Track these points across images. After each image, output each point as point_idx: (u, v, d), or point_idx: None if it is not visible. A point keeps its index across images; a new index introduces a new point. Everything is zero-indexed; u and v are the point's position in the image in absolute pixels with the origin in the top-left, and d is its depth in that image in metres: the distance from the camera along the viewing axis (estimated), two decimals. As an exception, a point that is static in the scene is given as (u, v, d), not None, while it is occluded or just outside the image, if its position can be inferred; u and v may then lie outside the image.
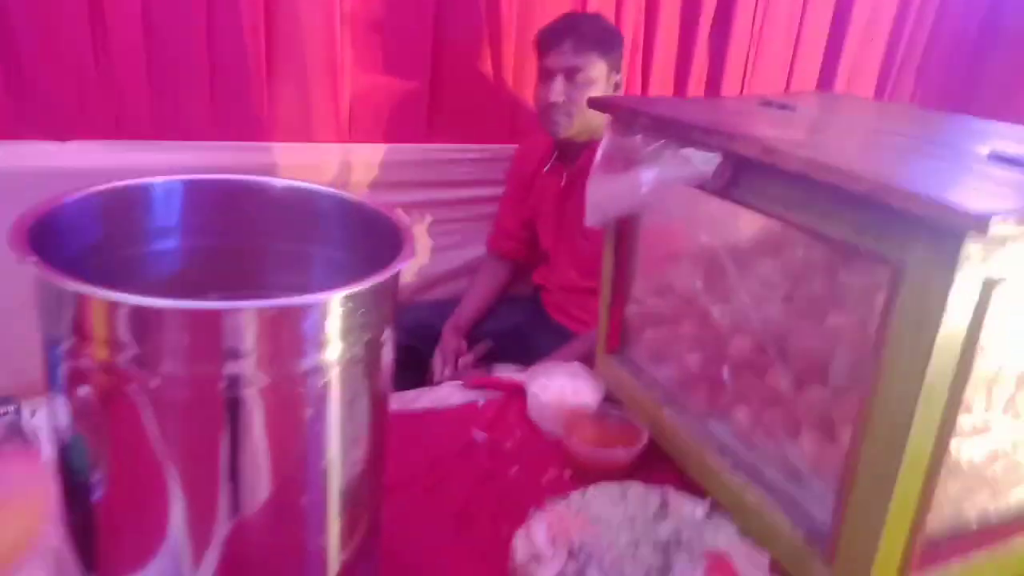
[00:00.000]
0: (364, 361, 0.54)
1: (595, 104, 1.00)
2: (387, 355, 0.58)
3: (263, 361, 0.48)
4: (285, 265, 0.70)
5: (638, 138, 0.90)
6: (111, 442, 0.51)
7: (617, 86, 1.46)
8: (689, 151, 0.81)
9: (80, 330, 0.47)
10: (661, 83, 1.82)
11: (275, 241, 0.69)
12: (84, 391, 0.49)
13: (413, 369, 1.58)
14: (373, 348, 0.55)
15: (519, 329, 1.64)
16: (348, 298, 0.50)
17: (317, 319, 0.50)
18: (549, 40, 1.42)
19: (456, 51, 1.61)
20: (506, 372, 1.20)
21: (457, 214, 1.71)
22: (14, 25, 1.24)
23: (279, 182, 0.69)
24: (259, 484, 0.51)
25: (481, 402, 1.07)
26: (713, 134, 0.78)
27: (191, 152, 1.42)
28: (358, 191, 1.56)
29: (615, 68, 1.45)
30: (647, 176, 0.85)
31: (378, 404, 0.59)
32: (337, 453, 0.55)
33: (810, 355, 0.77)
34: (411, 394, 1.09)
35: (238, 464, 0.50)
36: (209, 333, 0.47)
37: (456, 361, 1.51)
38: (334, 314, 0.50)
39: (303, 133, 1.52)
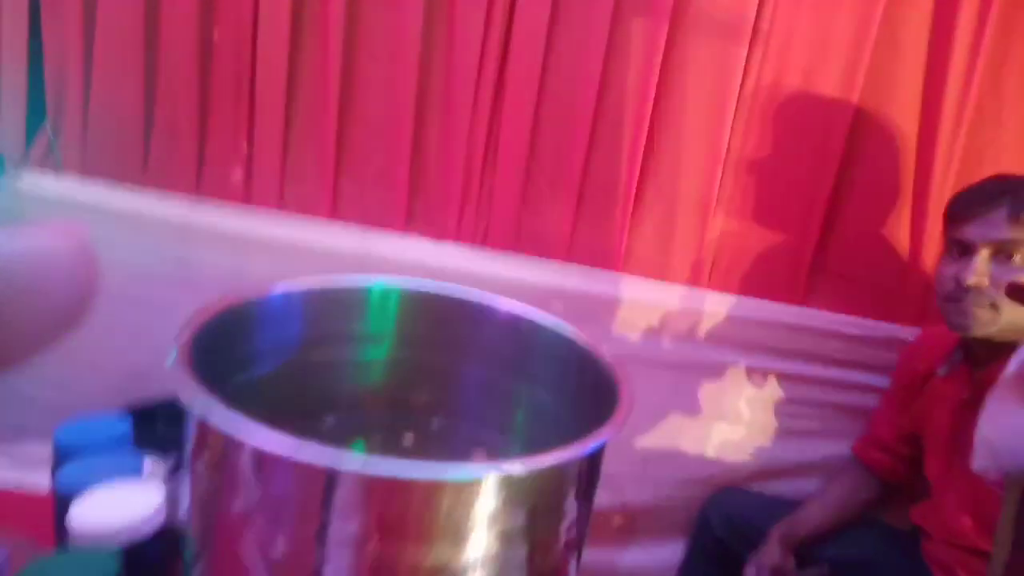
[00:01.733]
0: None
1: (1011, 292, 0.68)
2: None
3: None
4: (484, 396, 0.59)
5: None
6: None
7: None
8: None
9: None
10: None
11: (480, 367, 0.60)
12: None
13: (717, 565, 1.30)
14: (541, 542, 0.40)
15: (873, 568, 1.24)
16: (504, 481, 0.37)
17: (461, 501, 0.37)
18: (974, 204, 1.08)
19: (860, 206, 1.36)
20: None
21: (818, 395, 1.40)
22: (425, 137, 1.40)
23: (505, 304, 0.59)
24: None
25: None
26: None
27: (546, 270, 1.42)
28: (702, 343, 1.39)
29: None
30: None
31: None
32: None
33: None
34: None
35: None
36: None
37: None
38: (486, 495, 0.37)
39: (659, 270, 1.41)
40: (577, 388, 0.60)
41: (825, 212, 1.36)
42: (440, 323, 0.65)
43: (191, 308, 1.29)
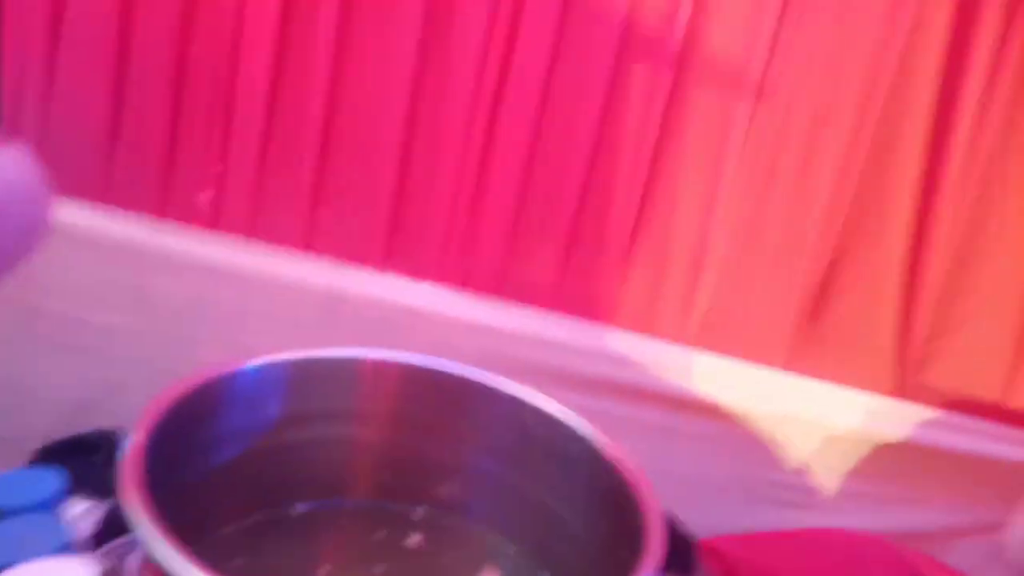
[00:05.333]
0: None
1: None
2: None
3: None
4: (480, 488, 0.53)
5: None
6: None
7: None
8: None
9: None
10: None
11: (477, 456, 0.53)
12: None
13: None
14: None
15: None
16: None
17: None
18: None
19: (854, 281, 1.33)
20: None
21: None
22: (410, 169, 1.32)
23: (513, 388, 0.53)
24: None
25: None
26: None
27: (532, 320, 1.35)
28: (694, 402, 1.33)
29: None
30: None
31: None
32: None
33: None
34: None
35: None
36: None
37: None
38: None
39: (646, 324, 1.36)
40: (590, 493, 0.53)
41: (822, 281, 1.32)
42: (434, 404, 0.57)
43: (145, 338, 1.20)
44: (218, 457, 0.49)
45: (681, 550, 1.00)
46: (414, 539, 0.65)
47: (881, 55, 1.23)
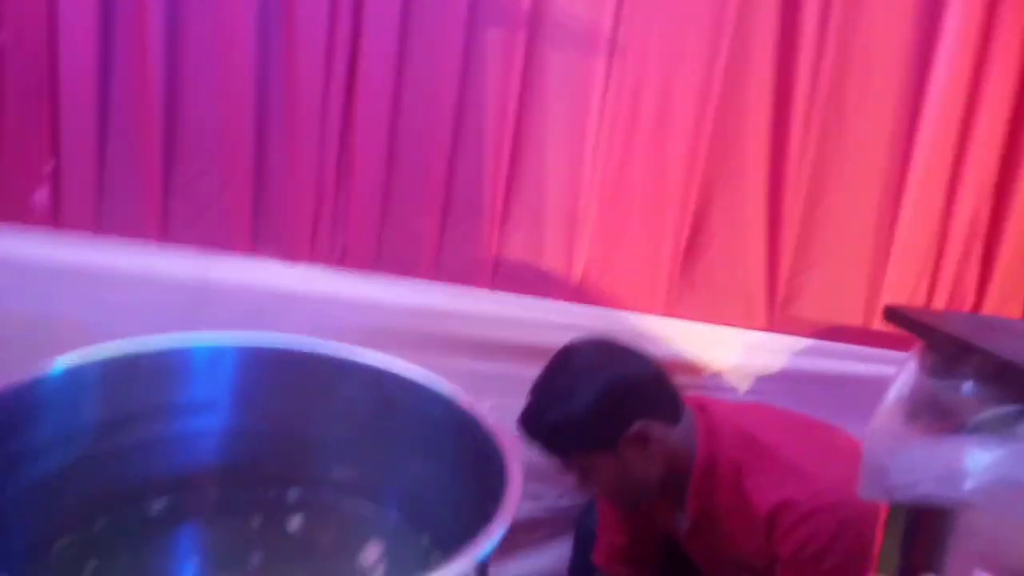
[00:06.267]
0: None
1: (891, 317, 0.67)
2: None
3: None
4: (346, 462, 0.51)
5: (966, 388, 0.57)
6: None
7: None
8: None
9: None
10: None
11: (338, 429, 0.51)
12: None
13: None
14: None
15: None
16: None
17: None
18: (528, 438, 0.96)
19: (721, 226, 1.37)
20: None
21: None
22: (268, 149, 1.26)
23: (365, 357, 0.51)
24: None
25: None
26: None
27: (413, 291, 1.32)
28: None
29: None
30: (979, 460, 0.51)
31: None
32: None
33: None
34: None
35: None
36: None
37: None
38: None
39: (530, 286, 1.36)
40: (457, 452, 0.52)
41: (691, 227, 1.36)
42: (286, 384, 0.54)
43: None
44: (35, 470, 0.45)
45: (668, 398, 1.02)
46: (294, 522, 0.62)
47: (723, 2, 1.26)
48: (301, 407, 0.55)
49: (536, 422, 0.94)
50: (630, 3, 1.26)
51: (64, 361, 0.46)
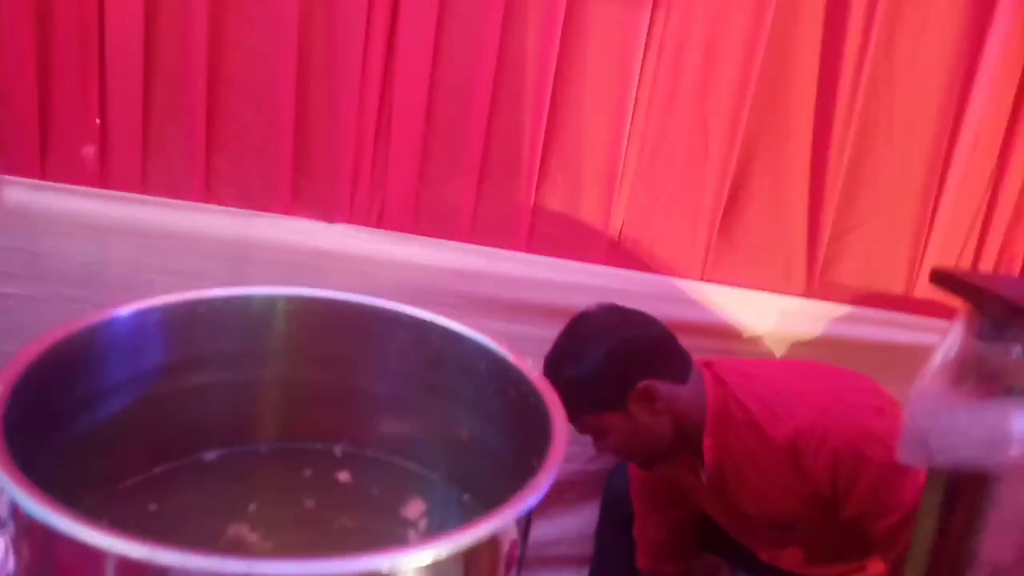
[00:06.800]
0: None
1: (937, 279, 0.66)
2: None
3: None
4: (394, 418, 0.52)
5: (1016, 352, 0.56)
6: None
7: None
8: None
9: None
10: None
11: (385, 384, 0.52)
12: None
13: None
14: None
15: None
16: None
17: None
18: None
19: (760, 189, 1.35)
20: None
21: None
22: (308, 109, 1.27)
23: (412, 312, 0.51)
24: None
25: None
26: None
27: (450, 252, 1.33)
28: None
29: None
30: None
31: None
32: None
33: None
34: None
35: None
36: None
37: None
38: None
39: (566, 248, 1.36)
40: (501, 408, 0.53)
41: (728, 192, 1.34)
42: (336, 336, 0.56)
43: (42, 307, 1.13)
44: (105, 410, 0.47)
45: (675, 359, 1.07)
46: (343, 475, 0.64)
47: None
48: (351, 358, 0.57)
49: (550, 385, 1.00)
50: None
51: (128, 308, 0.48)
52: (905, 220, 1.37)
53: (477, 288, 1.32)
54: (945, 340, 0.63)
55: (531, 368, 0.50)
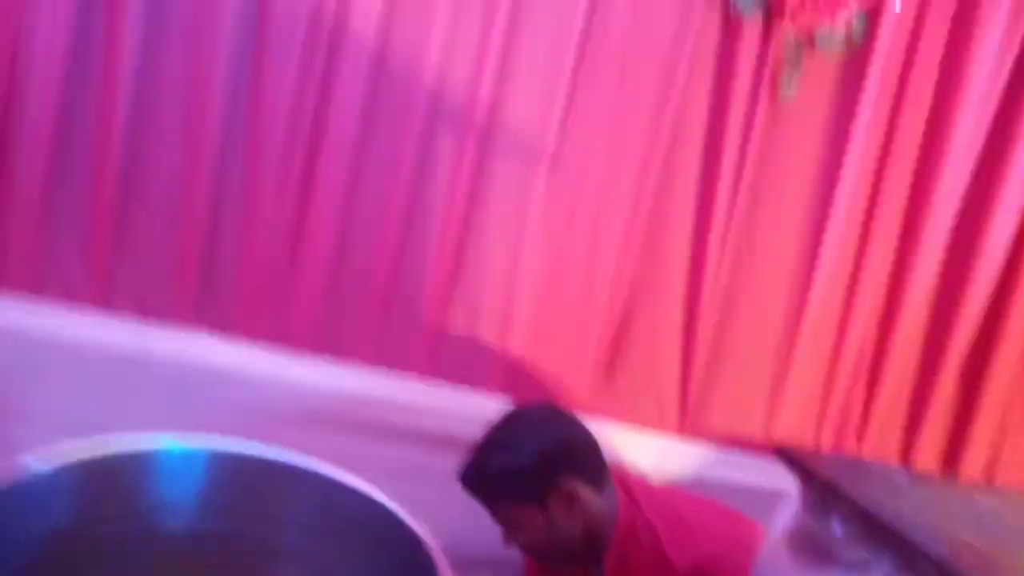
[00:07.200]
0: None
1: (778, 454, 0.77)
2: None
3: None
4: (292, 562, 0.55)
5: (835, 528, 0.66)
6: None
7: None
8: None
9: None
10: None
11: (296, 540, 0.55)
12: None
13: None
14: None
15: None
16: None
17: None
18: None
19: (641, 334, 1.49)
20: None
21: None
22: (221, 226, 1.31)
23: (324, 470, 0.56)
24: None
25: None
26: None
27: (350, 377, 1.37)
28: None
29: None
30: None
31: None
32: None
33: None
34: None
35: None
36: None
37: None
38: None
39: (464, 377, 1.43)
40: (394, 570, 0.57)
41: (612, 335, 1.47)
42: (252, 490, 0.59)
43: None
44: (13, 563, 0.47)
45: (599, 466, 1.10)
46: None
47: (655, 131, 1.41)
48: (259, 514, 0.60)
49: (475, 470, 1.07)
50: (574, 124, 1.39)
51: (34, 464, 0.49)
52: (766, 372, 1.54)
53: (376, 414, 1.36)
54: (784, 511, 0.74)
55: (430, 538, 0.54)
